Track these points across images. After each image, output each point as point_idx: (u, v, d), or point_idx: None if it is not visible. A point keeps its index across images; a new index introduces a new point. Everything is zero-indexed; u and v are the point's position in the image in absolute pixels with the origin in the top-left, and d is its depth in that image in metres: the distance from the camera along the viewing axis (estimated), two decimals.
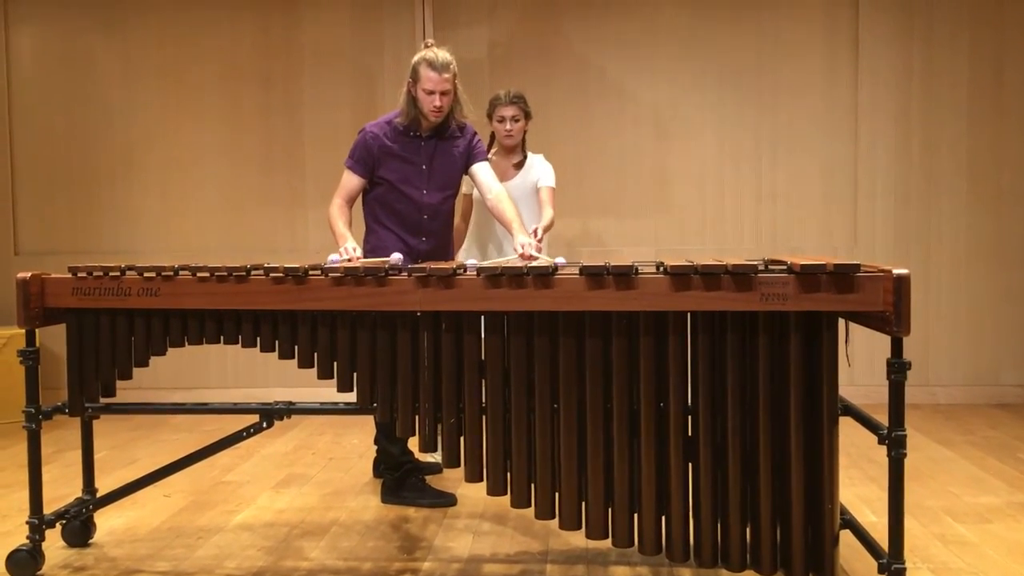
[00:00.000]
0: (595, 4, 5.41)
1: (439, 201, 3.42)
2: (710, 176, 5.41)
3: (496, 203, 3.37)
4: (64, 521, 3.02)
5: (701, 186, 5.41)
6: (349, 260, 3.07)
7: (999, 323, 5.34)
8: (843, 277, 2.41)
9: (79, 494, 3.17)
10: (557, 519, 2.66)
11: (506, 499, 2.70)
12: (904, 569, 2.42)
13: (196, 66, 5.55)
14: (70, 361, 2.85)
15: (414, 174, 3.38)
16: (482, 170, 3.45)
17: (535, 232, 3.32)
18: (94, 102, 5.59)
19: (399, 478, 3.53)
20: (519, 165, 3.94)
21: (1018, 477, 3.80)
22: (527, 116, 3.94)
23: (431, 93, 3.26)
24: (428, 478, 3.64)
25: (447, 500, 3.50)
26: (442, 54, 3.28)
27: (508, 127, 3.86)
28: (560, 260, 2.83)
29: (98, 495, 3.13)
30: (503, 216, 3.35)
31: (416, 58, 3.31)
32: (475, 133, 3.49)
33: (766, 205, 5.42)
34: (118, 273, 2.77)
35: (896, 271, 2.35)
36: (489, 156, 3.63)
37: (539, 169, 3.96)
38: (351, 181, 3.43)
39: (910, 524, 3.05)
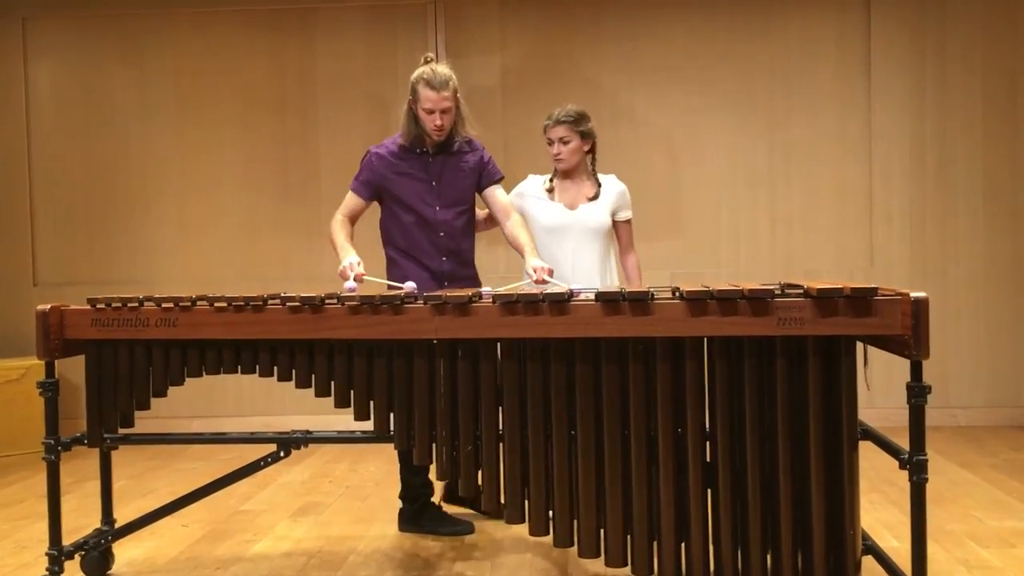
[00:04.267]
0: (607, 30, 5.45)
1: (452, 217, 3.35)
2: (724, 200, 5.41)
3: (512, 229, 3.37)
4: (83, 552, 3.02)
5: (715, 210, 5.41)
6: (355, 277, 3.08)
7: (1019, 343, 5.29)
8: (860, 301, 2.39)
9: (98, 525, 3.18)
10: (576, 547, 2.64)
11: (524, 527, 2.68)
12: None
13: (212, 96, 5.61)
14: (89, 392, 2.87)
15: (424, 191, 3.33)
16: (496, 193, 3.43)
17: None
18: (111, 133, 5.65)
19: (418, 508, 3.52)
20: (595, 196, 3.53)
21: None
22: (583, 136, 3.51)
23: (431, 112, 3.23)
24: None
25: (464, 529, 3.48)
26: (441, 70, 3.23)
27: (556, 150, 3.51)
28: (576, 286, 2.83)
29: (116, 525, 3.13)
30: (517, 241, 3.34)
31: (414, 76, 3.27)
32: (483, 150, 3.45)
33: (781, 228, 5.41)
34: (136, 304, 2.78)
35: (914, 294, 2.33)
36: (550, 183, 3.55)
37: (614, 196, 3.55)
38: (353, 200, 3.42)
39: (933, 549, 3.02)
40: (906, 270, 5.32)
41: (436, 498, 3.57)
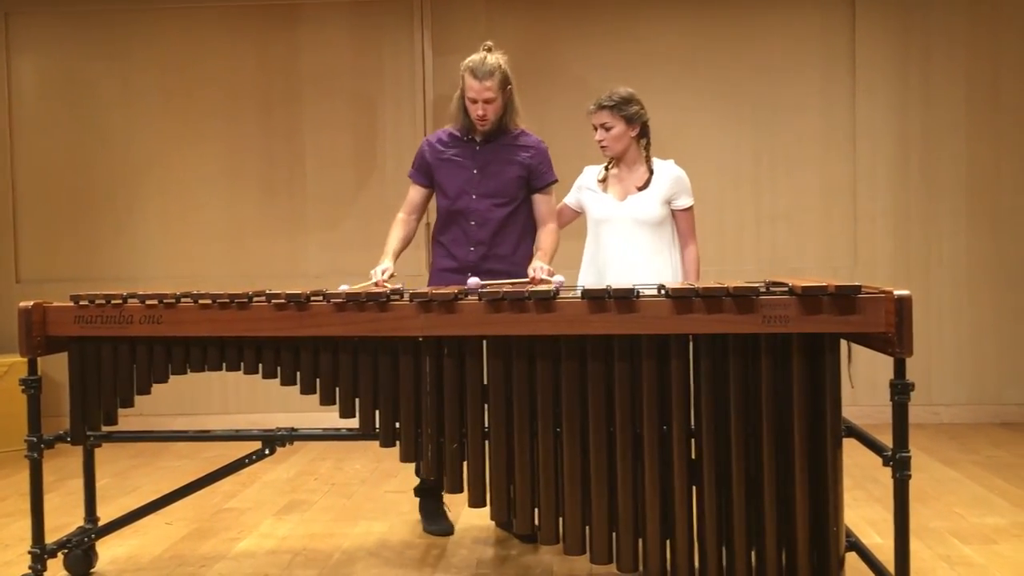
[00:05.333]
0: (593, 28, 5.45)
1: (487, 208, 3.25)
2: (709, 198, 5.41)
3: (540, 235, 3.32)
4: (66, 550, 3.00)
5: (700, 208, 5.32)
6: (375, 284, 3.03)
7: (1001, 342, 5.33)
8: (845, 299, 2.41)
9: (81, 523, 3.16)
10: (561, 544, 2.65)
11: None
12: None
13: (196, 91, 5.58)
14: (72, 390, 2.85)
15: (465, 179, 3.28)
16: (537, 200, 3.34)
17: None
18: (95, 128, 5.61)
19: (419, 501, 3.56)
20: (645, 184, 3.33)
21: (1023, 497, 3.78)
22: (629, 120, 3.29)
23: (474, 102, 3.18)
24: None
25: (442, 529, 3.47)
26: (491, 59, 3.16)
27: (599, 136, 3.33)
28: (559, 278, 2.82)
29: (100, 523, 3.11)
30: (537, 245, 3.30)
31: (463, 64, 3.21)
32: (541, 151, 3.33)
33: (765, 226, 5.43)
34: (120, 301, 2.77)
35: (897, 292, 2.35)
36: (604, 172, 3.40)
37: (669, 183, 3.33)
38: (412, 191, 3.40)
39: (916, 546, 3.04)
40: (890, 268, 5.35)
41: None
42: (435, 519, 3.50)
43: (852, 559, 2.68)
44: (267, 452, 2.92)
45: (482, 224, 3.27)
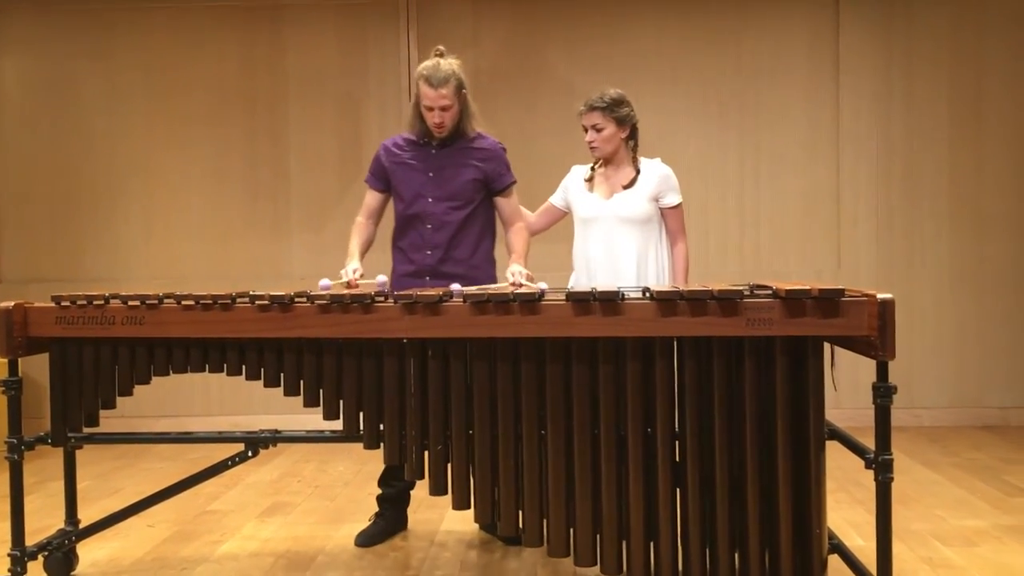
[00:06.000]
0: (579, 30, 5.46)
1: (443, 211, 3.24)
2: (694, 201, 5.42)
3: (509, 236, 3.33)
4: (46, 553, 2.98)
5: (685, 211, 5.42)
6: (348, 284, 3.02)
7: (983, 345, 5.37)
8: (828, 302, 2.42)
9: (62, 525, 3.13)
10: (545, 546, 2.64)
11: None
12: None
13: (181, 92, 5.55)
14: (53, 391, 2.83)
15: (420, 182, 3.27)
16: (499, 202, 3.34)
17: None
18: (78, 128, 5.58)
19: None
20: (630, 183, 3.34)
21: (1003, 499, 3.81)
22: (619, 122, 3.31)
23: (430, 109, 3.18)
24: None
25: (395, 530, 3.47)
26: (444, 65, 3.17)
27: (590, 137, 3.33)
28: (543, 285, 2.83)
29: (81, 526, 3.09)
30: (509, 247, 3.30)
31: (417, 71, 3.22)
32: (499, 153, 3.32)
33: (750, 229, 5.45)
34: (102, 302, 2.75)
35: (880, 296, 2.36)
36: (594, 168, 3.41)
37: (655, 181, 3.34)
38: (369, 196, 3.40)
39: (898, 548, 3.05)
40: (873, 272, 5.38)
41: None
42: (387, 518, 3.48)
43: (835, 561, 2.69)
44: (250, 454, 2.91)
45: (439, 228, 3.26)
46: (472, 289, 2.72)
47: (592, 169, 3.43)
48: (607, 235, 3.32)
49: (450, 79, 3.16)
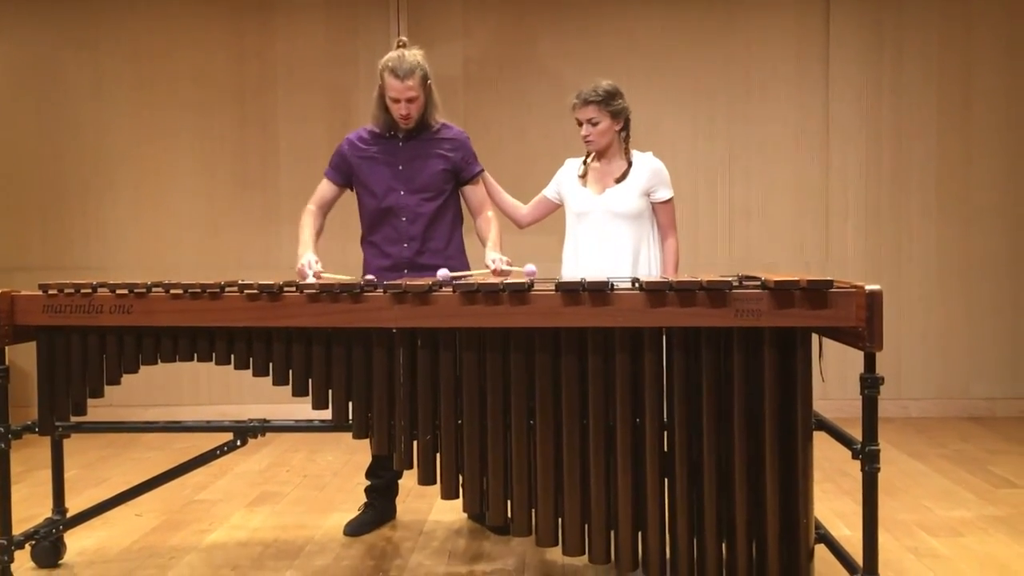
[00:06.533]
0: (570, 21, 5.45)
1: (416, 203, 3.25)
2: (684, 193, 5.43)
3: (479, 224, 3.36)
4: (33, 542, 2.98)
5: (675, 202, 5.43)
6: (315, 275, 3.03)
7: (970, 337, 5.40)
8: (816, 293, 2.42)
9: (49, 514, 3.13)
10: (534, 536, 2.65)
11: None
12: None
13: (169, 80, 5.52)
14: (40, 379, 2.82)
15: (390, 175, 3.27)
16: (467, 191, 3.37)
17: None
18: (66, 117, 5.54)
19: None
20: (622, 176, 3.32)
21: (989, 490, 3.83)
22: (614, 116, 3.28)
23: (396, 101, 3.17)
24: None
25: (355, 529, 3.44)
26: (409, 57, 3.16)
27: (585, 132, 3.30)
28: (530, 267, 2.82)
29: (68, 515, 3.09)
30: (481, 236, 3.34)
31: (381, 62, 3.21)
32: (464, 143, 3.35)
33: (739, 222, 5.46)
34: (89, 290, 2.74)
35: (868, 287, 2.37)
36: (586, 162, 3.39)
37: (647, 176, 3.32)
38: (325, 186, 3.40)
39: (884, 538, 3.07)
40: (861, 264, 5.40)
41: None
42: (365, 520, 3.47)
43: (821, 551, 2.70)
44: (238, 443, 2.91)
45: (413, 220, 3.26)
46: (461, 274, 2.71)
47: (584, 163, 3.42)
48: (599, 229, 3.31)
49: (416, 70, 3.15)
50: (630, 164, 3.34)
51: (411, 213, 3.27)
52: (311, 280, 2.96)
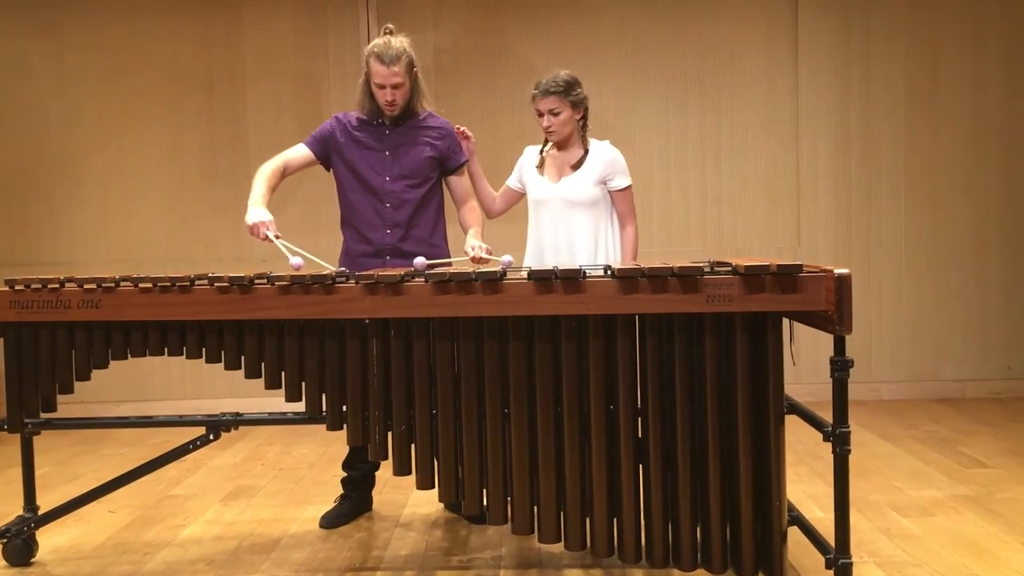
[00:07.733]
0: (539, 10, 5.44)
1: (401, 189, 3.23)
2: (655, 180, 5.46)
3: (462, 213, 3.36)
4: (5, 540, 2.94)
5: (647, 190, 5.45)
6: (275, 236, 3.02)
7: (939, 320, 5.47)
8: (786, 278, 2.44)
9: (20, 512, 3.09)
10: (510, 524, 2.66)
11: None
12: (851, 563, 2.46)
13: (136, 71, 5.46)
14: (8, 376, 2.78)
15: (376, 161, 3.25)
16: (451, 181, 3.37)
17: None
18: (30, 109, 5.46)
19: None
20: (578, 164, 3.33)
21: (959, 470, 3.89)
22: (574, 105, 3.30)
23: (382, 87, 3.17)
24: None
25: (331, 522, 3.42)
26: (395, 43, 3.16)
27: (546, 122, 3.30)
28: (507, 258, 2.82)
29: (40, 512, 3.05)
30: (463, 224, 3.34)
31: (367, 48, 3.20)
32: (450, 132, 3.33)
33: (711, 208, 5.49)
34: (57, 285, 2.71)
35: (837, 271, 2.39)
36: (545, 151, 3.40)
37: (602, 165, 3.33)
38: (297, 151, 3.35)
39: (856, 519, 3.11)
40: (832, 248, 5.44)
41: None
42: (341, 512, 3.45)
43: (794, 533, 2.73)
44: (212, 437, 2.89)
45: (398, 206, 3.25)
46: (436, 262, 2.70)
47: (541, 152, 3.43)
48: (557, 218, 3.33)
49: (402, 56, 3.14)
50: (586, 152, 3.35)
51: (396, 199, 3.25)
52: (298, 261, 2.79)
